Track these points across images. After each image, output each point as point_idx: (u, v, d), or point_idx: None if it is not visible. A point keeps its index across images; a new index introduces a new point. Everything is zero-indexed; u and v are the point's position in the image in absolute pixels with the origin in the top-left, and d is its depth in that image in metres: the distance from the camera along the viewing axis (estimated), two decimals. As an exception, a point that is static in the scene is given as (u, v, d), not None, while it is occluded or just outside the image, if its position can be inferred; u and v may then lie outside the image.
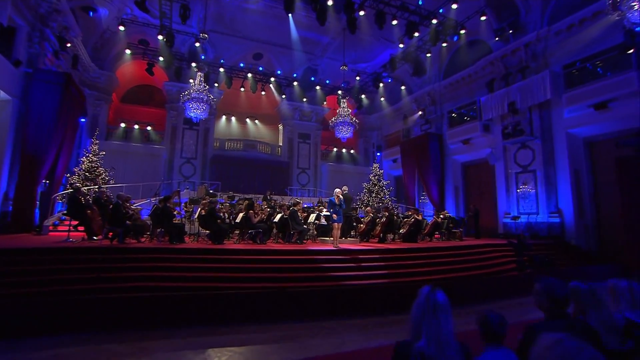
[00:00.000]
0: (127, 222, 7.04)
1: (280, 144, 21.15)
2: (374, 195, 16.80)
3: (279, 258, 6.89)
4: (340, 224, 8.10)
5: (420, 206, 17.36)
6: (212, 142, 18.99)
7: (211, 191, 14.30)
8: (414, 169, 17.23)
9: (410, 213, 12.93)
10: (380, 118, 22.01)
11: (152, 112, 19.71)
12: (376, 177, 17.11)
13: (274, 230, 9.47)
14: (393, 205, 11.14)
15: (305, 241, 9.08)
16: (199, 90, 13.41)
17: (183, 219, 9.18)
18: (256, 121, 22.91)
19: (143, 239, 7.77)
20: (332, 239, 8.91)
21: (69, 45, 12.45)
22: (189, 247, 7.09)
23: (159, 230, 7.82)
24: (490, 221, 13.94)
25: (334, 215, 7.82)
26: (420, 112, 18.00)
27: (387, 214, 9.95)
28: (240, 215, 8.96)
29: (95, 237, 7.23)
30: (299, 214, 9.33)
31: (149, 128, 17.80)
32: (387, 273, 6.98)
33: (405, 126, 19.48)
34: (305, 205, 13.37)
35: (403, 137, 19.55)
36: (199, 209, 8.55)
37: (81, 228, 7.34)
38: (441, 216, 11.10)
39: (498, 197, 13.96)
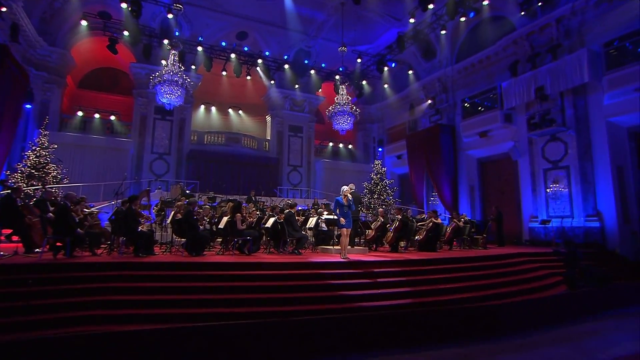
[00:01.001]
0: (78, 229, 6.02)
1: (268, 138, 20.63)
2: (375, 196, 16.30)
3: (275, 274, 6.01)
4: (350, 229, 7.24)
5: (429, 208, 16.83)
6: (189, 135, 18.29)
7: (188, 191, 13.31)
8: (422, 166, 16.92)
9: (423, 216, 12.30)
10: (382, 108, 21.63)
11: (117, 100, 18.85)
12: (378, 176, 16.66)
13: (264, 238, 8.71)
14: (403, 207, 10.36)
15: (302, 251, 8.29)
16: (172, 72, 12.35)
17: (153, 225, 8.25)
18: (240, 112, 22.25)
19: (100, 251, 6.77)
20: (333, 248, 8.24)
21: (4, 9, 11.23)
22: (159, 260, 6.14)
23: (121, 239, 6.82)
24: (513, 226, 13.39)
25: (342, 220, 6.96)
26: (429, 101, 17.62)
27: (399, 217, 9.14)
28: (225, 219, 8.04)
29: (37, 250, 6.17)
30: (296, 218, 8.47)
31: (112, 118, 16.89)
32: (410, 291, 6.20)
33: (412, 117, 19.10)
34: (299, 208, 12.76)
35: (409, 130, 19.22)
36: (173, 212, 7.59)
37: (16, 238, 6.26)
38: (462, 220, 10.34)
39: (522, 198, 13.42)
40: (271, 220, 8.45)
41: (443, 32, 15.11)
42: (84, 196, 8.11)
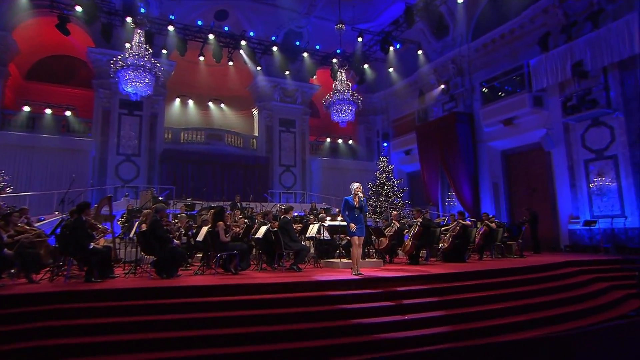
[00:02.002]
0: (6, 250, 5.07)
1: (256, 134, 20.21)
2: (382, 198, 16.18)
3: (271, 299, 5.16)
4: (362, 238, 6.50)
5: (446, 211, 16.27)
6: (162, 133, 17.77)
7: (161, 198, 12.50)
8: (435, 161, 16.73)
9: (441, 220, 11.55)
10: (387, 97, 21.27)
11: (74, 93, 18.09)
12: (384, 175, 16.56)
13: (254, 252, 8.07)
14: (423, 209, 9.61)
15: (302, 266, 7.55)
16: (138, 55, 11.46)
17: (115, 240, 7.32)
18: (222, 105, 21.75)
19: (40, 276, 5.82)
20: (340, 261, 7.54)
21: None
22: (116, 286, 5.23)
23: (69, 260, 5.88)
24: (548, 229, 12.80)
25: (352, 226, 6.13)
26: (442, 86, 17.25)
27: (419, 221, 8.34)
28: (204, 230, 7.17)
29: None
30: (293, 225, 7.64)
31: (68, 113, 16.14)
32: (445, 316, 5.42)
33: (422, 106, 18.73)
34: (294, 214, 12.28)
35: (419, 121, 19.05)
36: (137, 222, 6.69)
37: None
38: (494, 223, 9.60)
39: (558, 196, 12.86)
40: (263, 229, 7.69)
41: (460, 0, 14.42)
42: (24, 207, 7.15)
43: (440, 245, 8.94)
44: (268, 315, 4.88)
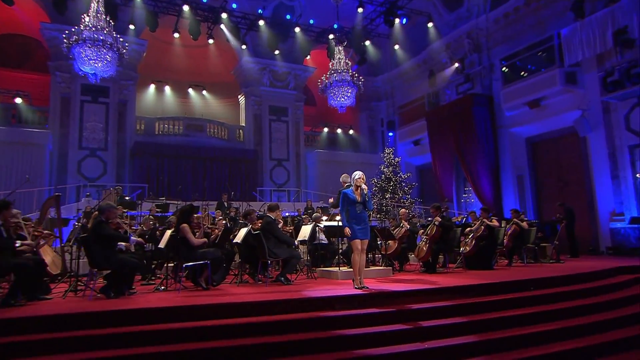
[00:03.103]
0: None
1: (243, 124, 19.97)
2: (388, 195, 16.14)
3: (246, 324, 4.33)
4: (367, 242, 5.72)
5: (462, 208, 15.85)
6: (133, 124, 17.33)
7: (128, 198, 11.79)
8: (449, 151, 16.32)
9: (459, 219, 10.97)
10: (392, 80, 20.84)
11: (26, 78, 17.60)
12: (390, 169, 16.51)
13: (236, 260, 7.40)
14: (442, 206, 8.80)
15: (292, 277, 6.81)
16: (96, 27, 10.62)
17: (64, 248, 6.48)
18: (204, 92, 21.46)
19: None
20: (339, 270, 6.83)
21: None
22: (42, 312, 4.34)
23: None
24: (584, 228, 12.14)
25: (347, 229, 5.51)
26: (455, 65, 16.77)
27: (437, 220, 7.61)
28: (168, 234, 6.32)
29: None
30: (280, 227, 6.84)
31: (18, 101, 15.47)
32: (476, 343, 4.63)
33: (433, 88, 18.21)
34: (286, 214, 11.88)
35: (429, 106, 18.70)
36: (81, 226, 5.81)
37: None
38: (524, 222, 8.86)
39: (596, 189, 12.27)
40: (242, 231, 6.82)
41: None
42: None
43: (461, 249, 8.17)
44: (239, 348, 3.98)
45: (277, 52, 18.24)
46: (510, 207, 13.20)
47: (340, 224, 6.24)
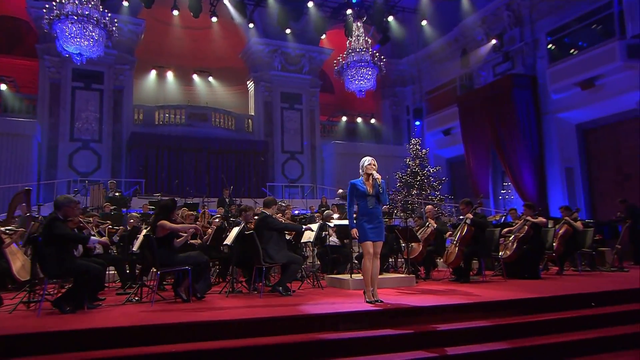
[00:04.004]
0: None
1: (252, 113, 19.77)
2: (414, 191, 16.07)
3: (226, 349, 3.78)
4: (381, 244, 5.08)
5: (500, 206, 15.42)
6: (131, 113, 17.25)
7: (117, 194, 11.52)
8: (485, 141, 15.94)
9: (497, 217, 10.69)
10: (419, 62, 20.52)
11: (15, 64, 17.44)
12: (417, 162, 16.41)
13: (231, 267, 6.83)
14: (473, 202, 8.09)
15: (292, 287, 6.19)
16: (81, 1, 10.34)
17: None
18: (210, 78, 21.27)
19: None
20: (352, 279, 6.29)
21: None
22: None
23: None
24: None
25: (355, 231, 5.01)
26: (493, 42, 16.28)
27: (469, 218, 7.00)
28: (143, 233, 5.79)
29: None
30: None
31: (2, 87, 15.49)
32: None
33: (466, 70, 17.81)
34: (297, 212, 11.82)
35: (461, 90, 18.27)
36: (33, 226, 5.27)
37: None
38: (578, 221, 8.08)
39: None
40: (234, 231, 6.29)
41: None
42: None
43: (500, 253, 7.45)
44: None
45: (288, 31, 17.85)
46: (557, 205, 12.91)
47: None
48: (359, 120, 21.01)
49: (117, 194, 11.40)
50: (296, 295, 5.77)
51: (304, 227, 6.39)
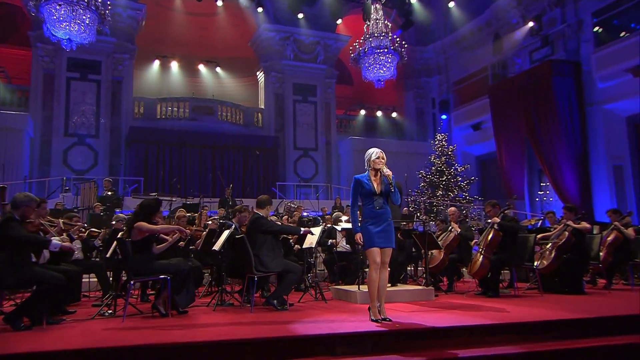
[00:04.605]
0: None
1: (262, 107, 19.81)
2: (440, 192, 16.22)
3: None
4: (390, 251, 4.65)
5: (536, 208, 15.37)
6: (130, 105, 17.38)
7: (110, 193, 11.65)
8: (519, 136, 15.76)
9: (533, 222, 10.41)
10: (445, 49, 20.55)
11: (7, 53, 17.73)
12: (443, 159, 16.58)
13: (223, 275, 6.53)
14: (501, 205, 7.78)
15: (289, 299, 5.89)
16: None
17: None
18: (218, 69, 21.41)
19: None
20: (359, 290, 5.99)
21: None
22: None
23: None
24: None
25: (358, 235, 4.61)
26: (530, 25, 16.26)
27: (496, 222, 6.61)
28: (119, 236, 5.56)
29: None
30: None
31: None
32: None
33: (498, 57, 17.84)
34: (307, 215, 11.72)
35: (493, 80, 18.42)
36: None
37: None
38: (631, 227, 7.84)
39: None
40: (224, 235, 5.95)
41: None
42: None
43: (535, 263, 7.04)
44: None
45: (301, 17, 18.03)
46: (603, 208, 12.74)
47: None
48: (379, 114, 20.98)
49: (109, 193, 11.25)
50: (293, 310, 5.43)
51: (302, 229, 5.98)
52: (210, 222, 7.60)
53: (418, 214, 16.01)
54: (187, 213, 10.23)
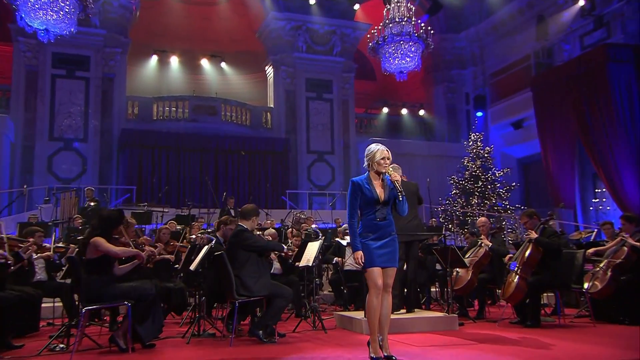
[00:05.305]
0: None
1: (271, 105, 19.76)
2: (475, 200, 16.16)
3: None
4: (394, 271, 4.29)
5: (593, 218, 15.04)
6: (123, 105, 17.43)
7: (93, 204, 11.73)
8: (569, 135, 15.60)
9: (587, 234, 9.92)
10: (480, 37, 20.49)
11: None
12: (478, 163, 16.50)
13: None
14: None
15: (278, 329, 5.59)
16: None
17: None
18: (223, 64, 21.44)
19: None
20: (362, 318, 5.70)
21: None
22: None
23: None
24: None
25: (358, 253, 4.19)
26: (580, 3, 16.31)
27: (532, 236, 6.24)
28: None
29: None
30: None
31: None
32: None
33: (543, 42, 17.78)
34: (318, 227, 11.06)
35: (537, 70, 17.93)
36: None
37: None
38: None
39: None
40: (203, 250, 5.72)
41: None
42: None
43: (586, 285, 6.63)
44: None
45: (313, 2, 18.09)
46: None
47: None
48: (404, 112, 20.96)
49: (92, 203, 11.23)
50: (283, 342, 5.13)
51: (285, 246, 5.73)
52: (194, 237, 7.31)
53: (450, 226, 15.66)
54: (178, 226, 10.20)
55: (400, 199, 4.12)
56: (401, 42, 13.53)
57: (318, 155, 18.77)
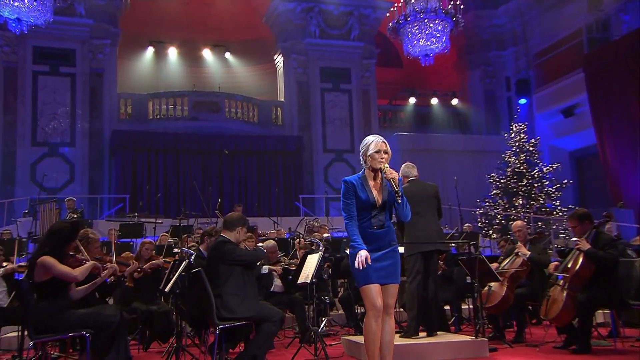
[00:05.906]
0: None
1: (281, 99, 20.10)
2: (519, 201, 16.24)
3: None
4: (396, 288, 4.19)
5: None
6: (115, 104, 17.72)
7: (76, 215, 11.85)
8: (630, 121, 15.56)
9: None
10: (522, 12, 20.76)
11: None
12: (522, 158, 16.66)
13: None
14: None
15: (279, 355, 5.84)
16: None
17: None
18: (227, 54, 21.67)
19: None
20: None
21: None
22: None
23: None
24: None
25: (361, 256, 3.97)
26: None
27: (581, 244, 5.97)
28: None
29: None
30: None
31: None
32: None
33: (596, 14, 17.55)
34: (332, 236, 11.15)
35: (590, 46, 18.02)
36: None
37: None
38: None
39: None
40: (181, 268, 5.62)
41: None
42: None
43: None
44: None
45: None
46: None
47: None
48: (435, 102, 21.06)
49: (74, 215, 11.28)
50: None
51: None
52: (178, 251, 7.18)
53: (491, 232, 15.31)
54: (170, 239, 10.10)
55: (399, 200, 3.95)
56: (425, 20, 13.60)
57: (336, 154, 18.95)
